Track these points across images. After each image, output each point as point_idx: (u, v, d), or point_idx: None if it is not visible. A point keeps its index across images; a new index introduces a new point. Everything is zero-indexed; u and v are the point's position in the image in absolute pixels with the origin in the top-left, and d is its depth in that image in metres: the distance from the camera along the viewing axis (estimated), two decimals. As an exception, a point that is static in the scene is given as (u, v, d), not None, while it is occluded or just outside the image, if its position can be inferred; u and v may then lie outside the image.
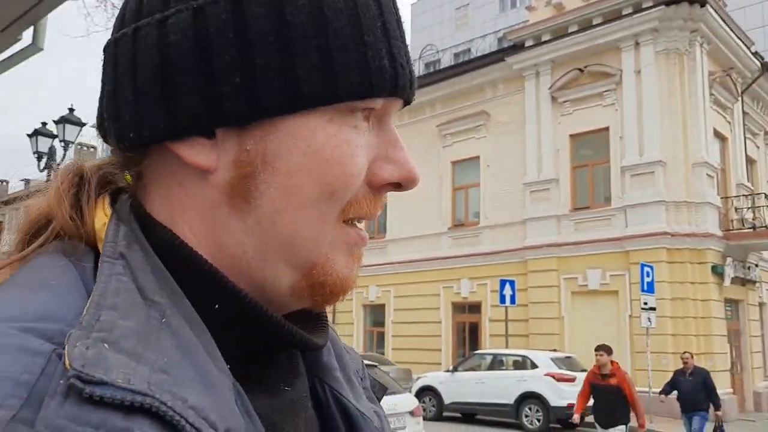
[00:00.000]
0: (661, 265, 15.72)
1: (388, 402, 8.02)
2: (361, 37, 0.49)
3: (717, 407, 10.27)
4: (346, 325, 23.22)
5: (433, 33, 34.30)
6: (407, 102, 0.55)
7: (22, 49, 5.73)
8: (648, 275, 14.37)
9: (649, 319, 14.09)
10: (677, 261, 16.16)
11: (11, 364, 0.38)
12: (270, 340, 0.52)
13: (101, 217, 0.51)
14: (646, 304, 14.17)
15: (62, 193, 0.52)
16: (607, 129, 17.71)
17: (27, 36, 5.66)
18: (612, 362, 8.23)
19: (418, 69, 27.18)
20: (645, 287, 14.23)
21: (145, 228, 0.50)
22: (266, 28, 0.48)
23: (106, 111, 0.52)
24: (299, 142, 0.49)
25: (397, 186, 0.54)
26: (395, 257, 22.01)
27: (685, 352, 10.93)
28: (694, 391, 10.18)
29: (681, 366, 10.71)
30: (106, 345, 0.39)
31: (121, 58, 0.51)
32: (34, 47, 5.69)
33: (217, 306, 0.49)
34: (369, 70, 0.49)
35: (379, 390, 0.70)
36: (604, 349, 8.26)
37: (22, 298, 0.43)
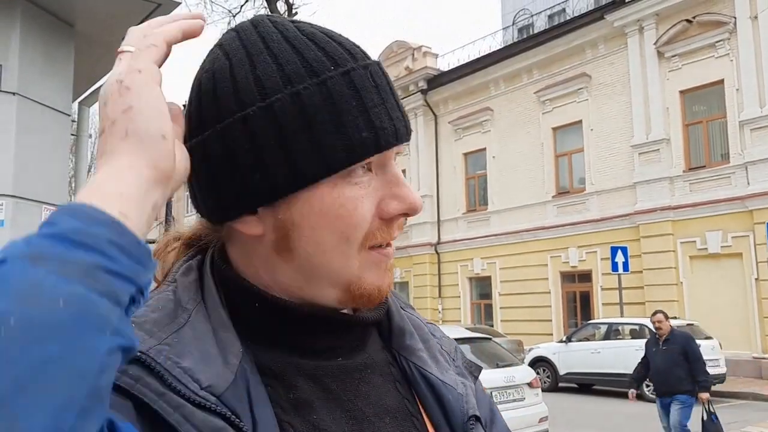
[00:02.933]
0: (789, 224, 14.68)
1: (506, 374, 8.02)
2: (340, 119, 0.64)
3: (702, 387, 7.25)
4: (452, 299, 23.33)
5: (525, -4, 33.17)
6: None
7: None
8: (775, 235, 13.46)
9: (778, 281, 13.23)
10: (808, 218, 15.04)
11: None
12: (303, 322, 0.69)
13: (176, 260, 0.74)
14: (774, 265, 13.30)
15: (157, 254, 0.75)
16: (721, 82, 16.60)
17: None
18: None
19: (512, 35, 26.47)
20: (773, 248, 13.36)
21: (219, 268, 0.71)
22: (268, 135, 0.64)
23: (192, 200, 0.73)
24: (314, 206, 0.66)
25: (405, 214, 0.69)
26: (499, 229, 21.80)
27: (656, 312, 7.79)
28: (669, 365, 7.34)
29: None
30: (134, 325, 0.58)
31: (192, 167, 0.66)
32: (154, 51, 6.04)
33: (256, 304, 0.69)
34: (352, 144, 0.64)
35: (475, 369, 0.85)
36: None
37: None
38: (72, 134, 6.03)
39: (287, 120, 0.64)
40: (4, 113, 4.74)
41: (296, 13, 18.36)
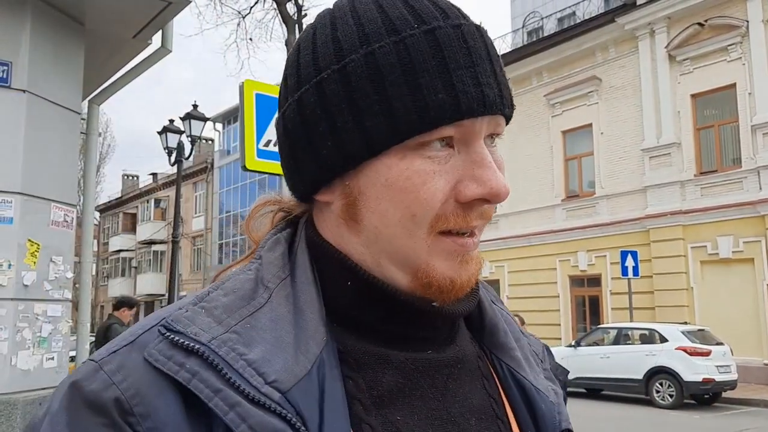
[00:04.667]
0: (802, 229, 14.54)
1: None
2: (415, 80, 0.58)
3: None
4: (461, 302, 23.20)
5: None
6: (506, 117, 0.64)
7: (153, 53, 6.07)
8: (788, 240, 13.33)
9: (791, 287, 13.08)
10: (821, 223, 14.89)
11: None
12: (395, 308, 0.63)
13: (264, 232, 0.70)
14: (787, 271, 13.15)
15: (248, 220, 0.74)
16: (733, 86, 16.47)
17: (156, 40, 5.99)
18: None
19: (522, 38, 26.39)
20: (785, 253, 13.22)
21: (312, 239, 0.67)
22: (340, 98, 0.60)
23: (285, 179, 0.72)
24: (380, 176, 0.60)
25: (485, 201, 0.61)
26: (507, 232, 21.70)
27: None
28: None
29: None
30: (202, 310, 0.58)
31: (278, 143, 0.70)
32: (164, 50, 6.02)
33: (349, 283, 0.63)
34: (426, 107, 0.58)
35: (561, 373, 0.80)
36: None
37: None
38: (81, 132, 6.01)
39: (359, 81, 0.59)
40: (13, 111, 4.72)
41: (305, 15, 18.34)
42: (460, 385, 0.66)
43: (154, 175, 45.30)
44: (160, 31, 5.87)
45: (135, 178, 51.33)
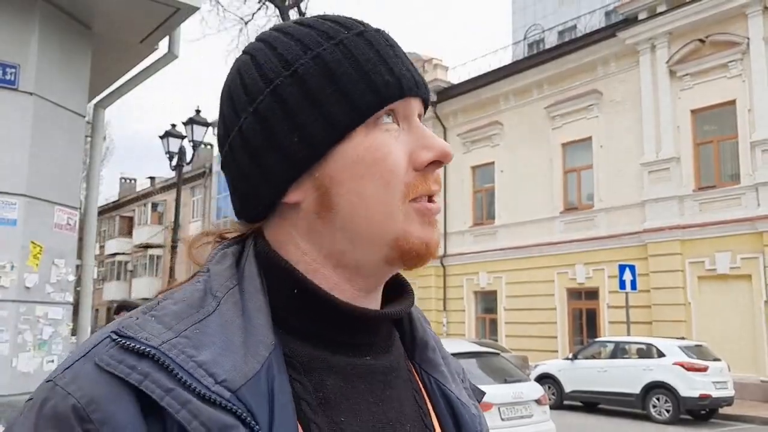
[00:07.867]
0: (800, 246, 14.56)
1: (514, 390, 7.91)
2: (362, 68, 0.66)
3: None
4: (457, 312, 23.21)
5: (536, 11, 33.23)
6: (424, 101, 0.73)
7: (160, 58, 6.07)
8: (786, 257, 13.35)
9: (788, 304, 13.09)
10: (819, 241, 14.91)
11: None
12: (337, 316, 0.67)
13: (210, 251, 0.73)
14: (784, 288, 13.16)
15: (189, 249, 0.75)
16: (733, 102, 16.55)
17: (163, 45, 6.00)
18: None
19: (523, 50, 26.52)
20: (783, 270, 13.23)
21: (261, 251, 0.69)
22: (299, 97, 0.66)
23: (235, 204, 0.74)
24: (350, 156, 0.66)
25: (438, 163, 0.69)
26: (505, 243, 21.72)
27: None
28: None
29: None
30: (153, 318, 0.60)
31: (231, 168, 0.71)
32: (171, 55, 6.02)
33: (295, 291, 0.67)
34: (377, 87, 0.66)
35: (478, 394, 0.86)
36: None
37: None
38: (86, 136, 6.00)
39: (313, 79, 0.66)
40: (20, 113, 4.71)
41: (309, 23, 18.41)
42: (395, 393, 0.70)
43: (152, 178, 45.24)
44: (167, 37, 5.87)
45: (132, 182, 51.25)
